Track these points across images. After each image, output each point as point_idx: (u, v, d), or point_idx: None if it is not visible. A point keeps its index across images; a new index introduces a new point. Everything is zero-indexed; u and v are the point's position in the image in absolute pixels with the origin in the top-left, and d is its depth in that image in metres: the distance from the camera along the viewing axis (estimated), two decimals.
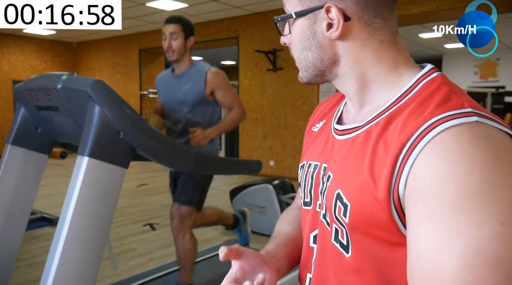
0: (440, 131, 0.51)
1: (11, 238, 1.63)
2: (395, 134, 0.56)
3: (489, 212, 0.46)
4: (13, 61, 9.31)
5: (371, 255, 0.59)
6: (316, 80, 0.69)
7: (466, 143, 0.50)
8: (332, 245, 0.65)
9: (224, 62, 12.85)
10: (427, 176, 0.50)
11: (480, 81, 10.48)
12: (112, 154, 1.30)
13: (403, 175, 0.53)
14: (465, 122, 0.51)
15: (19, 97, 1.65)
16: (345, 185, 0.61)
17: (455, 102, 0.55)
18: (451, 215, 0.47)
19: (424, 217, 0.50)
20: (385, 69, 0.64)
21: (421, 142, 0.52)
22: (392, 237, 0.56)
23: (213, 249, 3.07)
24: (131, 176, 6.55)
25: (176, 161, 1.45)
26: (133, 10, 6.73)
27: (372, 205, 0.56)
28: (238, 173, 3.08)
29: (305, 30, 0.65)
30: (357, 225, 0.59)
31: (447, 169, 0.49)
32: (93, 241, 1.27)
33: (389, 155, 0.55)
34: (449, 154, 0.49)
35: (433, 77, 0.60)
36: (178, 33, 2.21)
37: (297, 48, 0.68)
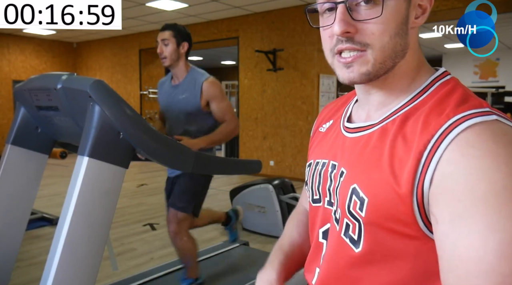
0: (463, 128, 0.53)
1: (11, 238, 1.63)
2: (417, 131, 0.57)
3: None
4: (13, 61, 9.31)
5: (384, 248, 0.60)
6: (373, 77, 0.63)
7: (489, 140, 0.52)
8: (341, 240, 0.66)
9: (224, 62, 12.85)
10: (454, 173, 0.52)
11: (480, 81, 10.48)
12: (112, 154, 1.30)
13: (429, 172, 0.54)
14: (486, 120, 0.54)
15: (19, 97, 1.65)
16: (362, 180, 0.62)
17: (473, 102, 0.57)
18: (483, 210, 0.49)
19: (455, 213, 0.51)
20: (417, 67, 0.65)
21: (446, 139, 0.53)
22: (408, 231, 0.57)
23: (213, 249, 3.07)
24: (131, 176, 6.55)
25: (176, 161, 1.45)
26: (133, 10, 6.73)
27: (392, 199, 0.57)
28: (238, 173, 3.08)
29: (401, 13, 0.60)
30: (373, 219, 0.60)
31: (474, 165, 0.51)
32: (93, 241, 1.27)
33: (411, 151, 0.56)
34: (474, 150, 0.51)
35: (448, 79, 0.63)
36: (169, 39, 2.24)
37: (388, 34, 0.60)
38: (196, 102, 2.23)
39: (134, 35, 8.82)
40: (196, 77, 2.28)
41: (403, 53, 0.62)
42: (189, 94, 2.25)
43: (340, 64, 0.63)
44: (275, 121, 6.79)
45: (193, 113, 2.26)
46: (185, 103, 2.26)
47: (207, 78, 2.26)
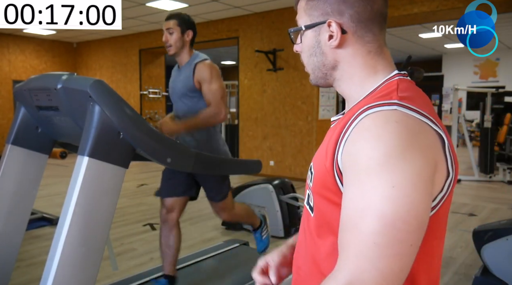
0: (364, 115, 0.67)
1: (11, 238, 1.63)
2: (345, 120, 0.73)
3: (383, 177, 0.62)
4: (13, 61, 9.31)
5: (325, 214, 0.75)
6: (321, 82, 0.84)
7: (378, 125, 0.65)
8: (305, 208, 0.83)
9: (224, 62, 12.85)
10: (351, 150, 0.67)
11: (480, 81, 10.48)
12: (112, 154, 1.30)
13: (340, 150, 0.69)
14: (384, 110, 0.66)
15: (19, 97, 1.65)
16: (315, 159, 0.79)
17: (388, 96, 0.70)
18: (360, 179, 0.64)
19: (347, 181, 0.67)
20: (367, 73, 0.79)
21: (352, 125, 0.68)
22: (337, 199, 0.71)
23: (213, 249, 3.07)
24: (131, 176, 6.55)
25: (176, 161, 1.45)
26: (133, 10, 6.73)
27: (324, 172, 0.72)
28: (238, 173, 3.08)
29: (312, 39, 0.81)
30: (316, 188, 0.76)
31: (362, 145, 0.65)
32: (93, 241, 1.27)
33: (336, 135, 0.71)
34: (366, 133, 0.65)
35: (393, 81, 0.75)
36: (174, 27, 2.26)
37: (306, 54, 0.83)
38: (190, 82, 2.26)
39: (134, 35, 8.82)
40: (194, 58, 2.31)
41: (330, 66, 0.80)
42: (185, 75, 2.29)
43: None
44: (275, 121, 6.79)
45: (187, 92, 2.28)
46: (182, 83, 2.30)
47: (203, 60, 2.29)
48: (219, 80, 2.30)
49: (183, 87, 2.29)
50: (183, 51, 2.31)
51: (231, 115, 9.03)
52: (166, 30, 2.27)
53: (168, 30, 2.27)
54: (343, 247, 0.66)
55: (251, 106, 7.06)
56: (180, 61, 2.36)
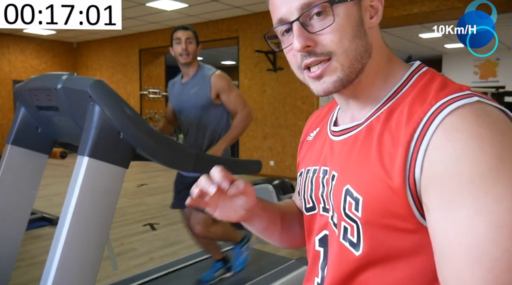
0: (447, 113, 0.53)
1: (11, 238, 1.63)
2: (402, 123, 0.57)
3: (505, 185, 0.47)
4: (13, 61, 9.31)
5: (384, 247, 0.59)
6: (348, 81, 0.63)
7: (472, 122, 0.51)
8: (341, 245, 0.64)
9: (224, 62, 12.85)
10: (441, 158, 0.51)
11: (480, 81, 10.48)
12: (112, 154, 1.30)
13: (418, 160, 0.54)
14: (467, 103, 0.53)
15: (19, 97, 1.65)
16: (354, 180, 0.61)
17: (453, 86, 0.58)
18: (469, 193, 0.48)
19: (444, 199, 0.51)
20: (385, 62, 0.66)
21: (432, 126, 0.53)
22: (407, 225, 0.56)
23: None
24: (131, 176, 6.55)
25: (176, 161, 1.45)
26: (133, 10, 6.73)
27: (387, 194, 0.56)
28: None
29: (354, 16, 0.61)
30: (370, 218, 0.59)
31: (459, 149, 0.50)
32: (93, 241, 1.27)
33: (399, 143, 0.56)
34: (459, 134, 0.51)
35: (425, 71, 0.63)
36: (192, 38, 2.39)
37: (347, 38, 0.60)
38: (207, 95, 2.35)
39: (134, 35, 8.82)
40: (205, 72, 2.41)
41: (368, 53, 0.63)
42: (199, 88, 2.37)
43: (311, 78, 0.65)
44: (275, 121, 6.79)
45: (205, 105, 2.37)
46: (196, 97, 2.37)
47: (215, 72, 2.40)
48: (234, 87, 2.45)
49: (200, 99, 2.36)
50: (193, 63, 2.42)
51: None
52: (186, 39, 2.36)
53: (188, 39, 2.37)
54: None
55: (251, 106, 7.03)
56: (187, 73, 2.44)
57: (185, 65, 2.40)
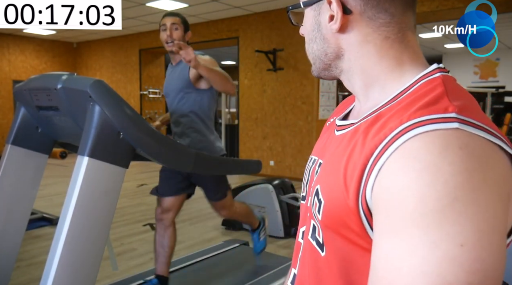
0: (412, 136, 0.47)
1: (11, 238, 1.63)
2: (372, 134, 0.53)
3: (446, 231, 0.43)
4: (13, 61, 9.31)
5: (343, 257, 0.57)
6: (324, 75, 0.68)
7: (435, 151, 0.45)
8: (310, 243, 0.64)
9: (224, 62, 12.85)
10: (390, 185, 0.47)
11: (480, 81, 10.48)
12: (112, 154, 1.30)
13: (370, 181, 0.49)
14: (442, 128, 0.47)
15: (19, 97, 1.65)
16: (324, 182, 0.60)
17: (441, 105, 0.50)
18: (407, 230, 0.44)
19: (384, 227, 0.47)
20: (388, 66, 0.61)
21: (391, 147, 0.48)
22: (362, 243, 0.53)
23: (213, 249, 3.07)
24: (131, 176, 6.55)
25: (176, 161, 1.45)
26: (133, 10, 6.73)
27: (343, 206, 0.53)
28: (238, 173, 3.08)
29: (312, 21, 0.65)
30: (329, 223, 0.57)
31: (410, 179, 0.45)
32: (93, 241, 1.27)
33: (362, 156, 0.52)
34: (415, 163, 0.45)
35: (434, 77, 0.56)
36: (178, 24, 2.27)
37: (306, 40, 0.67)
38: (185, 76, 2.24)
39: (134, 35, 8.82)
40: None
41: (332, 56, 0.64)
42: (181, 70, 2.28)
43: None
44: (275, 121, 6.79)
45: (184, 87, 2.25)
46: (178, 80, 2.28)
47: (198, 54, 2.25)
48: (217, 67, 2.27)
49: (180, 82, 2.27)
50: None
51: (231, 115, 9.04)
52: (172, 25, 2.25)
53: (173, 25, 2.26)
54: None
55: (251, 106, 7.06)
56: (174, 58, 2.35)
57: (172, 52, 2.30)
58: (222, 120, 8.72)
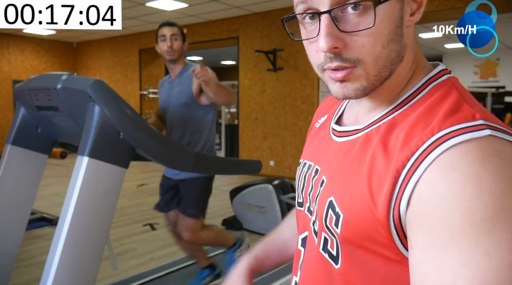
0: (448, 147, 0.46)
1: (11, 238, 1.63)
2: (398, 144, 0.51)
3: (498, 239, 0.42)
4: (13, 61, 9.31)
5: (365, 269, 0.55)
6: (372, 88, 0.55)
7: (475, 162, 0.44)
8: (320, 255, 0.61)
9: (224, 62, 12.85)
10: (432, 198, 0.46)
11: (480, 81, 10.48)
12: (112, 154, 1.30)
13: (406, 194, 0.48)
14: (476, 137, 0.46)
15: (19, 97, 1.65)
16: (339, 193, 0.56)
17: (465, 112, 0.49)
18: (457, 242, 0.43)
19: (428, 242, 0.46)
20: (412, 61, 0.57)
21: (427, 159, 0.47)
22: (389, 254, 0.52)
23: (213, 249, 3.07)
24: (131, 176, 6.55)
25: (176, 161, 1.45)
26: (133, 10, 6.73)
27: (369, 220, 0.51)
28: (238, 173, 3.08)
29: (395, 16, 0.52)
30: (349, 237, 0.55)
31: (453, 191, 0.44)
32: (93, 241, 1.27)
33: (390, 168, 0.50)
34: (457, 174, 0.44)
35: (443, 80, 0.55)
36: (178, 35, 2.31)
37: (381, 42, 0.52)
38: (189, 91, 2.26)
39: (134, 35, 8.82)
40: (189, 68, 2.34)
41: (399, 58, 0.55)
42: (182, 86, 2.30)
43: (332, 80, 0.55)
44: (275, 121, 6.79)
45: (187, 103, 2.27)
46: (179, 95, 2.30)
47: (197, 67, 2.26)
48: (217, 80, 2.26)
49: (183, 97, 2.28)
50: (180, 60, 2.36)
51: (231, 115, 9.04)
52: (171, 35, 2.29)
53: (173, 35, 2.30)
54: None
55: (251, 106, 7.06)
56: (173, 70, 2.39)
57: (171, 62, 2.33)
58: (222, 120, 8.72)
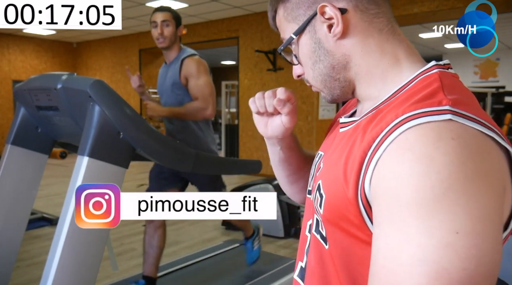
0: (406, 128, 0.49)
1: (11, 238, 1.63)
2: (370, 129, 0.54)
3: (441, 219, 0.44)
4: (13, 61, 9.31)
5: (344, 249, 0.58)
6: (337, 95, 0.66)
7: (429, 143, 0.47)
8: (314, 236, 0.66)
9: (224, 62, 12.85)
10: (387, 176, 0.49)
11: (480, 81, 10.48)
12: (112, 154, 1.30)
13: (368, 173, 0.51)
14: (434, 120, 0.48)
15: (19, 97, 1.65)
16: (325, 176, 0.61)
17: (435, 99, 0.51)
18: (404, 219, 0.46)
19: (382, 218, 0.49)
20: (388, 63, 0.61)
21: (388, 139, 0.50)
22: (362, 235, 0.54)
23: (213, 249, 3.07)
24: (131, 176, 6.54)
25: (176, 161, 1.45)
26: (133, 10, 6.73)
27: (343, 199, 0.55)
28: (238, 173, 3.08)
29: (309, 44, 0.63)
30: (329, 217, 0.59)
31: (404, 170, 0.47)
32: (93, 241, 1.27)
33: (360, 150, 0.53)
34: (410, 154, 0.47)
35: (431, 73, 0.57)
36: (169, 20, 2.22)
37: (309, 67, 0.65)
38: (176, 76, 2.23)
39: (134, 35, 8.82)
40: (182, 54, 2.28)
41: (339, 68, 0.62)
42: (172, 71, 2.26)
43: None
44: None
45: (174, 89, 2.25)
46: (169, 80, 2.26)
47: (190, 55, 2.25)
48: (207, 76, 2.25)
49: (170, 82, 2.26)
50: (174, 47, 2.28)
51: (231, 115, 9.03)
52: (162, 22, 2.20)
53: (164, 22, 2.20)
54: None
55: None
56: (168, 57, 2.32)
57: (163, 49, 2.27)
58: (222, 120, 8.72)
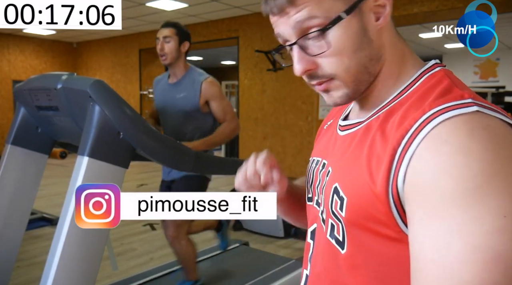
0: (438, 123, 0.49)
1: (11, 238, 1.63)
2: (394, 126, 0.54)
3: (488, 205, 0.45)
4: (13, 61, 9.31)
5: (368, 251, 0.57)
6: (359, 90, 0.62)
7: (463, 134, 0.48)
8: (327, 241, 0.64)
9: (224, 62, 12.85)
10: (425, 170, 0.49)
11: (480, 81, 10.48)
12: (112, 154, 1.30)
13: (402, 169, 0.51)
14: (464, 113, 0.49)
15: (19, 97, 1.65)
16: (342, 179, 0.60)
17: (455, 93, 0.53)
18: (449, 210, 0.46)
19: (424, 212, 0.48)
20: (401, 60, 0.61)
21: (420, 135, 0.50)
22: (390, 233, 0.54)
23: (213, 249, 3.07)
24: (131, 176, 6.55)
25: (176, 161, 1.45)
26: (133, 10, 6.72)
27: (370, 198, 0.54)
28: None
29: (354, 30, 0.57)
30: (353, 219, 0.58)
31: (444, 162, 0.47)
32: (93, 241, 1.27)
33: (387, 148, 0.53)
34: (446, 146, 0.48)
35: (436, 71, 0.59)
36: (171, 36, 2.22)
37: (346, 55, 0.58)
38: (195, 101, 2.23)
39: (134, 35, 8.82)
40: (195, 76, 2.28)
41: (375, 60, 0.60)
42: (187, 93, 2.25)
43: (319, 91, 0.64)
44: (275, 121, 6.79)
45: (191, 112, 2.26)
46: (184, 102, 2.26)
47: (207, 78, 2.26)
48: (224, 96, 2.34)
49: (187, 106, 2.25)
50: (178, 63, 2.28)
51: None
52: (163, 38, 2.21)
53: (164, 38, 2.21)
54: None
55: (251, 106, 7.06)
56: (174, 73, 2.32)
57: (168, 65, 2.27)
58: None
